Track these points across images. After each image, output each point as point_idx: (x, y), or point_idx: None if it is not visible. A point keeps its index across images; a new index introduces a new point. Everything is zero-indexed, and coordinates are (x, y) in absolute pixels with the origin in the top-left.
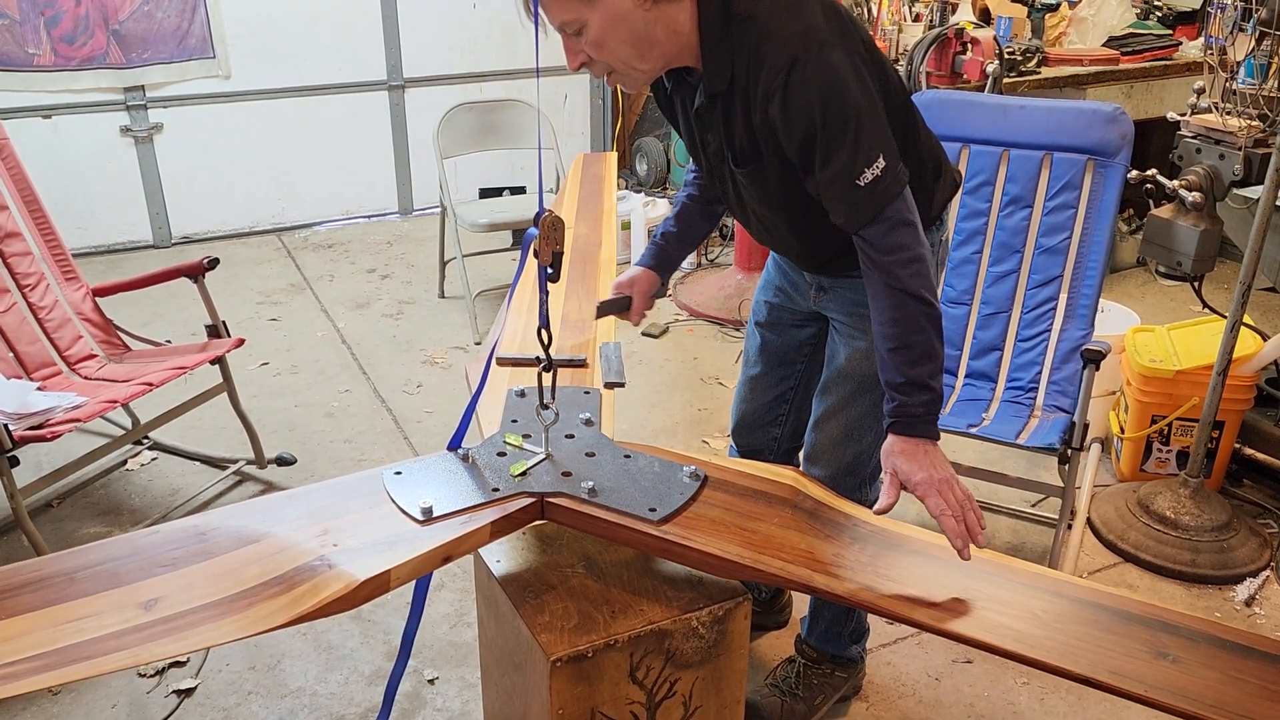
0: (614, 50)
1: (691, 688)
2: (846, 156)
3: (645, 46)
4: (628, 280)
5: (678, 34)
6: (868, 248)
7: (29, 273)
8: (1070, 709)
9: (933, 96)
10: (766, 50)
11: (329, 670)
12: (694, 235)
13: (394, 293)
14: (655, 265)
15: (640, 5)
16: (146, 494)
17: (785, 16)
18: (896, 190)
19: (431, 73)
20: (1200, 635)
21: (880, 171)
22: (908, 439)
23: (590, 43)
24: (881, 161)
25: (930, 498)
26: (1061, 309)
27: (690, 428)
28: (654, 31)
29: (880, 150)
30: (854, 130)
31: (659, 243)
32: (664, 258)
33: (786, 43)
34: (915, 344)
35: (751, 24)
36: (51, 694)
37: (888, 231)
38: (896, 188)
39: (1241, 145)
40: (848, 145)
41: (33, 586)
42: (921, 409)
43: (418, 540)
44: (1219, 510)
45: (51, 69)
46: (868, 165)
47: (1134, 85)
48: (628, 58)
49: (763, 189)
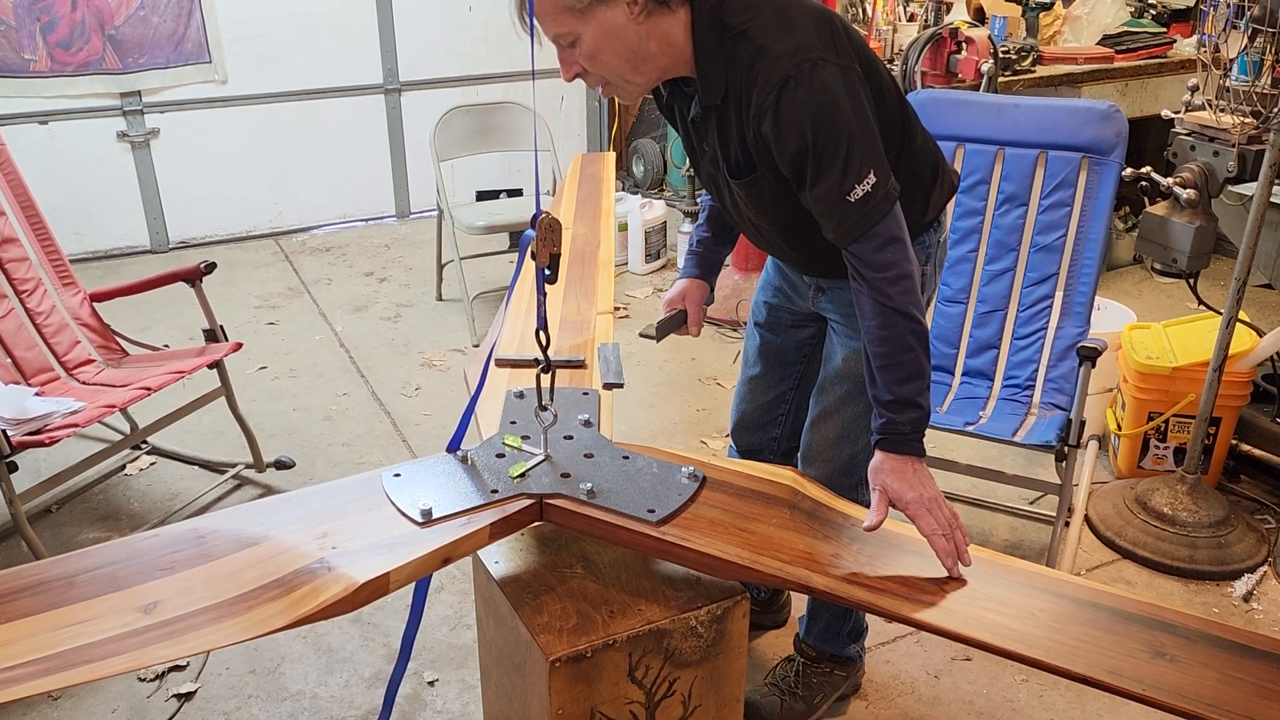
0: (608, 63)
1: (690, 687)
2: (838, 174)
3: (639, 60)
4: (678, 294)
5: (672, 47)
6: (857, 263)
7: (26, 278)
8: (1069, 705)
9: (928, 96)
10: (760, 68)
11: (329, 673)
12: (729, 234)
13: (392, 296)
14: (700, 273)
15: (634, 19)
16: (145, 498)
17: (778, 32)
18: (887, 207)
19: (428, 76)
20: (1198, 634)
21: (870, 188)
22: (896, 456)
23: (584, 55)
24: (872, 178)
25: (921, 518)
26: (1058, 306)
27: (689, 428)
28: (648, 45)
29: (871, 167)
30: (845, 149)
31: (697, 250)
32: (706, 263)
33: (779, 60)
34: (904, 362)
35: (745, 40)
36: (51, 699)
37: (877, 249)
38: (887, 204)
39: (1236, 142)
40: (839, 163)
41: (32, 590)
42: (909, 427)
43: (417, 542)
44: (1216, 506)
45: (48, 74)
46: (858, 182)
47: (1129, 83)
48: (622, 71)
49: (757, 200)
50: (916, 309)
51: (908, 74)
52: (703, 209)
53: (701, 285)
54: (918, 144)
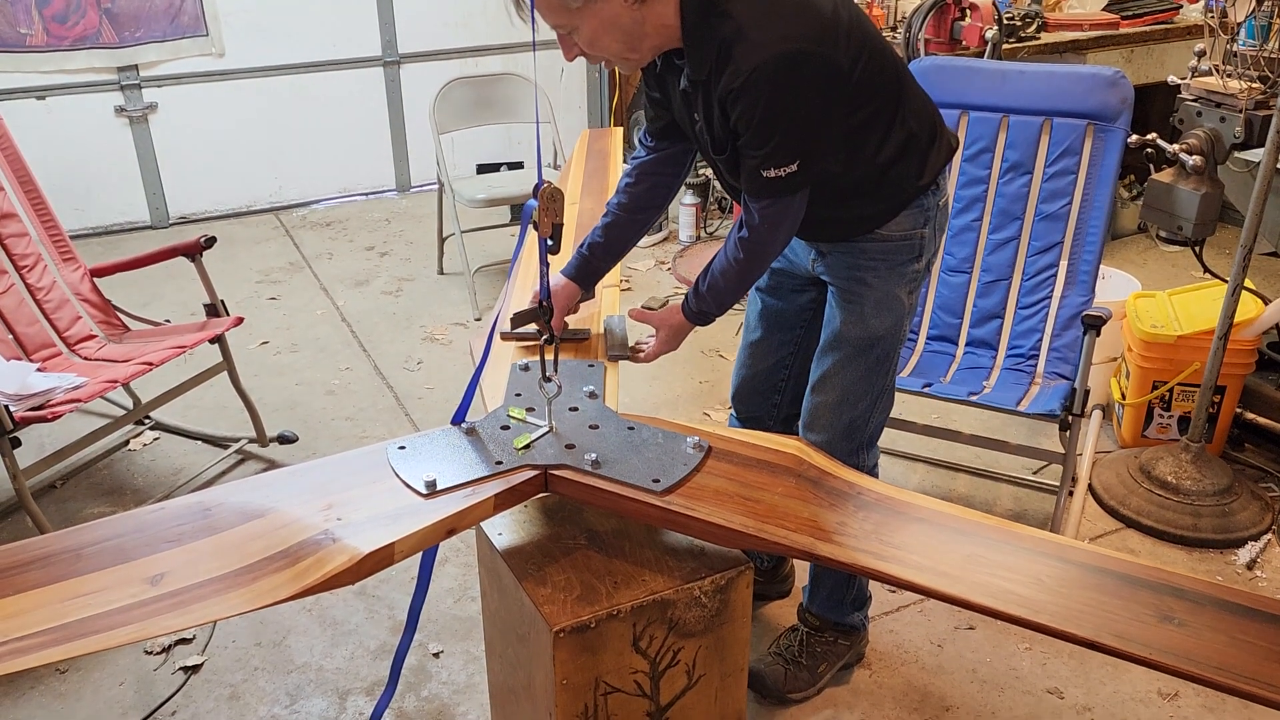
0: (606, 46)
1: (695, 656)
2: (764, 152)
3: (635, 40)
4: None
5: (666, 26)
6: (746, 212)
7: (26, 254)
8: (1072, 673)
9: (931, 63)
10: (736, 51)
11: (335, 645)
12: (622, 246)
13: (393, 270)
14: (578, 277)
15: (629, 7)
16: (149, 474)
17: (761, 16)
18: (789, 192)
19: (427, 48)
20: (1207, 599)
21: (786, 175)
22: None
23: (583, 42)
24: (794, 168)
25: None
26: (1062, 275)
27: (692, 400)
28: (643, 28)
29: (799, 159)
30: (779, 137)
31: (585, 254)
32: (589, 269)
33: (755, 49)
34: (724, 288)
35: (728, 20)
36: (59, 672)
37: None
38: (790, 192)
39: (1242, 107)
40: (770, 144)
41: (39, 563)
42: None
43: (421, 513)
44: (1220, 475)
45: (44, 49)
46: (778, 166)
47: (1134, 49)
48: (619, 51)
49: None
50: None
51: (911, 41)
52: (606, 212)
53: (574, 289)
54: (913, 107)
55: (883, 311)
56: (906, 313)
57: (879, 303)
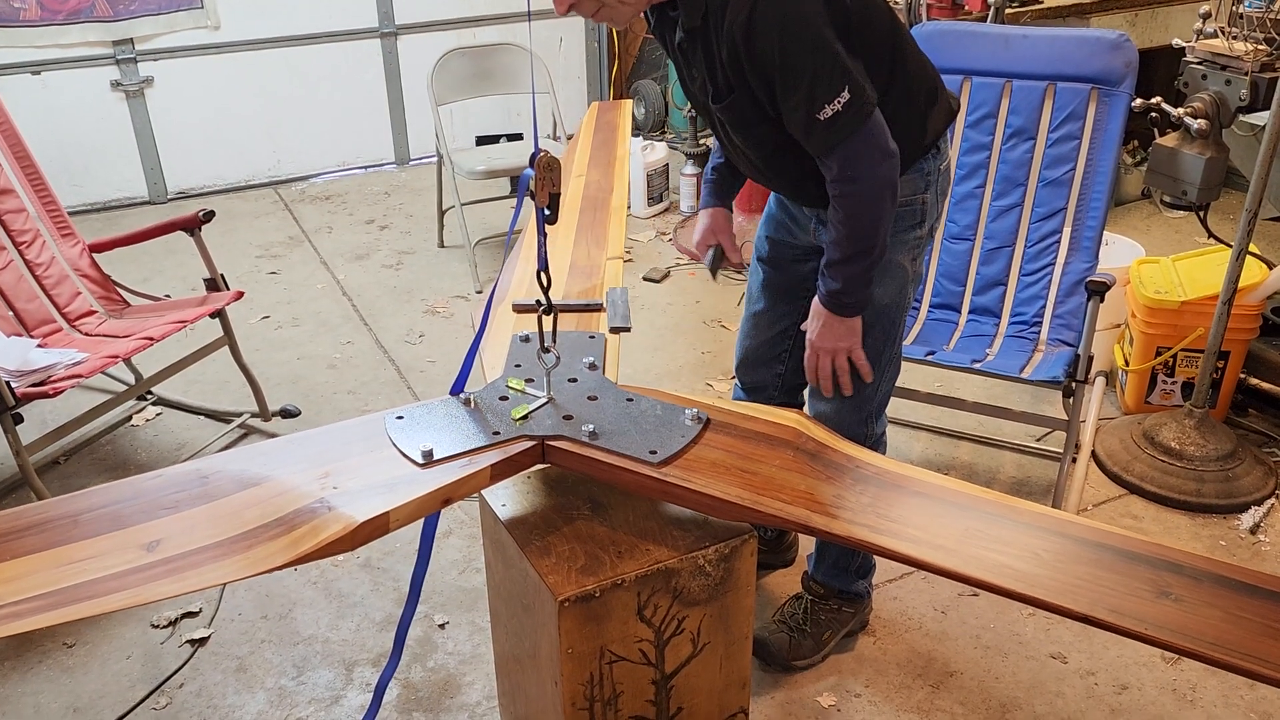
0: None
1: (699, 625)
2: (805, 91)
3: None
4: (707, 231)
5: None
6: (827, 172)
7: (24, 230)
8: (1075, 639)
9: (934, 28)
10: None
11: (340, 617)
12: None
13: (393, 243)
14: (718, 200)
15: None
16: (153, 449)
17: None
18: (858, 123)
19: (424, 18)
20: (1205, 574)
21: (842, 106)
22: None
23: None
24: (846, 94)
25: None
26: (1065, 242)
27: (694, 371)
28: None
29: (844, 83)
30: (813, 66)
31: (711, 179)
32: (721, 189)
33: None
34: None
35: None
36: (66, 646)
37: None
38: (858, 120)
39: (1248, 70)
40: (806, 81)
41: (37, 529)
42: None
43: (417, 482)
44: (1224, 440)
45: (38, 23)
46: (828, 101)
47: (1138, 12)
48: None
49: (743, 125)
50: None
51: (913, 6)
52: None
53: (724, 212)
54: (910, 68)
55: (885, 279)
56: (910, 279)
57: (882, 270)
